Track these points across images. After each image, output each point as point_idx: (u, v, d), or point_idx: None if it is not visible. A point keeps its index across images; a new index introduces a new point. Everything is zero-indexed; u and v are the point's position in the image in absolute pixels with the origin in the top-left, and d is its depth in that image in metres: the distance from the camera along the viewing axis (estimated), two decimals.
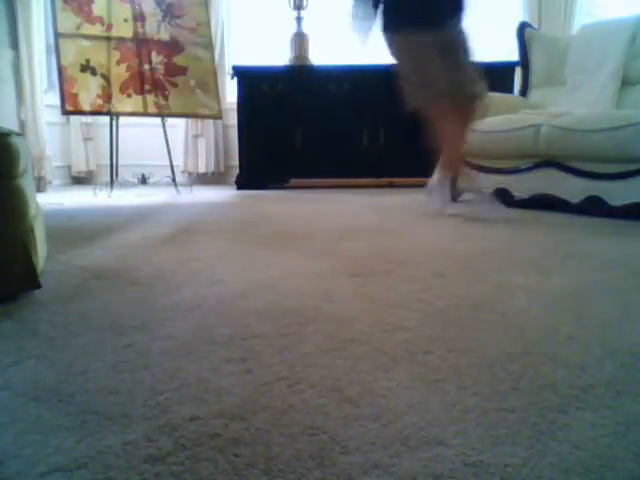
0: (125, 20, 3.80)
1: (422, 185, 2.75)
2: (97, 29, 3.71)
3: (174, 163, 4.08)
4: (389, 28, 2.35)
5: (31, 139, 3.92)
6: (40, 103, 4.05)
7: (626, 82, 3.05)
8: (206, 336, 0.98)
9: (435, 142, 2.43)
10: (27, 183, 1.27)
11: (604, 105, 3.01)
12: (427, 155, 2.53)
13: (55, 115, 4.17)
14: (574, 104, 3.09)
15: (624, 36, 3.04)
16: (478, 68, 2.42)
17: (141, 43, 3.84)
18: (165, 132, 3.91)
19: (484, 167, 3.04)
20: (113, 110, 3.73)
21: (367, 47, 2.50)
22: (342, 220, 2.49)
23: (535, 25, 3.98)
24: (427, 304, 1.16)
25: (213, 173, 4.82)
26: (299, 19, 4.28)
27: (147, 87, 3.83)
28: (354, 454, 0.61)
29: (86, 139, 4.73)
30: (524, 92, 3.59)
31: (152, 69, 3.85)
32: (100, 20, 3.72)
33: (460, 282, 1.36)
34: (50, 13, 3.67)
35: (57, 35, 3.59)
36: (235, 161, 4.51)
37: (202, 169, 4.77)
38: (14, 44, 3.95)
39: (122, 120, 4.01)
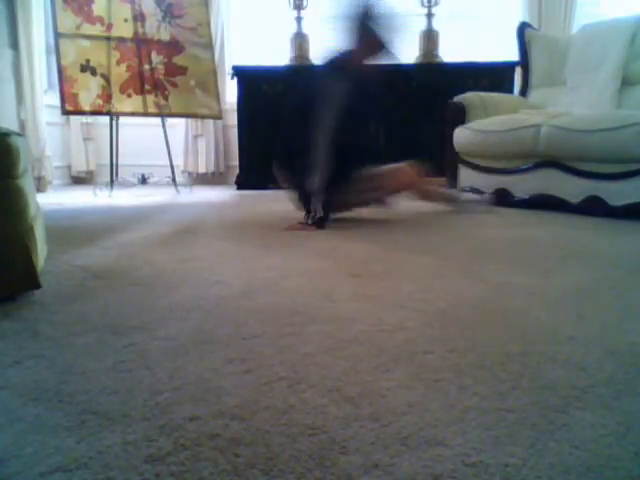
0: (125, 20, 3.80)
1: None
2: (97, 29, 3.71)
3: (174, 163, 4.08)
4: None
5: (31, 139, 3.92)
6: (40, 103, 4.04)
7: (626, 82, 3.05)
8: (206, 336, 0.98)
9: None
10: (27, 183, 1.26)
11: (604, 105, 3.01)
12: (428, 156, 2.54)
13: (55, 115, 4.17)
14: (574, 104, 3.09)
15: (624, 36, 3.04)
16: None
17: (141, 43, 3.84)
18: (165, 132, 3.91)
19: (484, 167, 3.04)
20: (113, 110, 3.73)
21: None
22: (342, 220, 2.49)
23: (535, 25, 3.98)
24: (427, 304, 1.16)
25: (213, 173, 4.81)
26: (299, 19, 4.28)
27: (147, 87, 3.83)
28: (354, 454, 0.61)
29: (86, 139, 4.73)
30: (524, 92, 3.59)
31: (152, 69, 3.85)
32: (100, 20, 3.72)
33: (460, 282, 1.36)
34: (50, 13, 3.67)
35: (57, 35, 3.59)
36: (235, 161, 4.51)
37: (202, 169, 4.77)
38: (14, 44, 3.95)
39: (122, 120, 4.01)
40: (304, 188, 2.24)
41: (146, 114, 3.86)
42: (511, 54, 3.95)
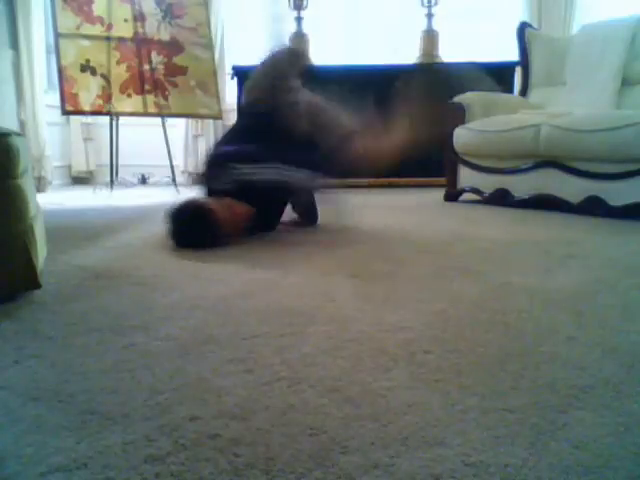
0: (125, 20, 3.79)
1: (421, 185, 2.75)
2: (97, 29, 3.71)
3: (174, 163, 4.08)
4: None
5: (31, 139, 3.92)
6: (40, 103, 4.04)
7: (626, 82, 3.05)
8: (206, 336, 0.98)
9: None
10: (27, 183, 1.26)
11: (604, 105, 3.01)
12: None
13: (55, 115, 4.17)
14: (574, 104, 3.09)
15: (624, 36, 3.04)
16: None
17: (141, 43, 3.84)
18: (165, 132, 3.91)
19: (484, 167, 3.04)
20: (113, 110, 3.73)
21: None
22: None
23: (535, 25, 3.98)
24: (427, 304, 1.16)
25: None
26: (299, 19, 4.28)
27: (147, 87, 3.82)
28: (354, 454, 0.61)
29: (86, 139, 4.73)
30: (524, 92, 3.59)
31: (152, 69, 3.85)
32: (100, 20, 3.72)
33: (460, 282, 1.36)
34: (50, 13, 3.66)
35: (57, 35, 3.59)
36: None
37: (202, 169, 4.77)
38: (14, 44, 3.95)
39: (122, 120, 4.00)
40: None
41: (146, 114, 3.86)
42: (511, 54, 3.94)
